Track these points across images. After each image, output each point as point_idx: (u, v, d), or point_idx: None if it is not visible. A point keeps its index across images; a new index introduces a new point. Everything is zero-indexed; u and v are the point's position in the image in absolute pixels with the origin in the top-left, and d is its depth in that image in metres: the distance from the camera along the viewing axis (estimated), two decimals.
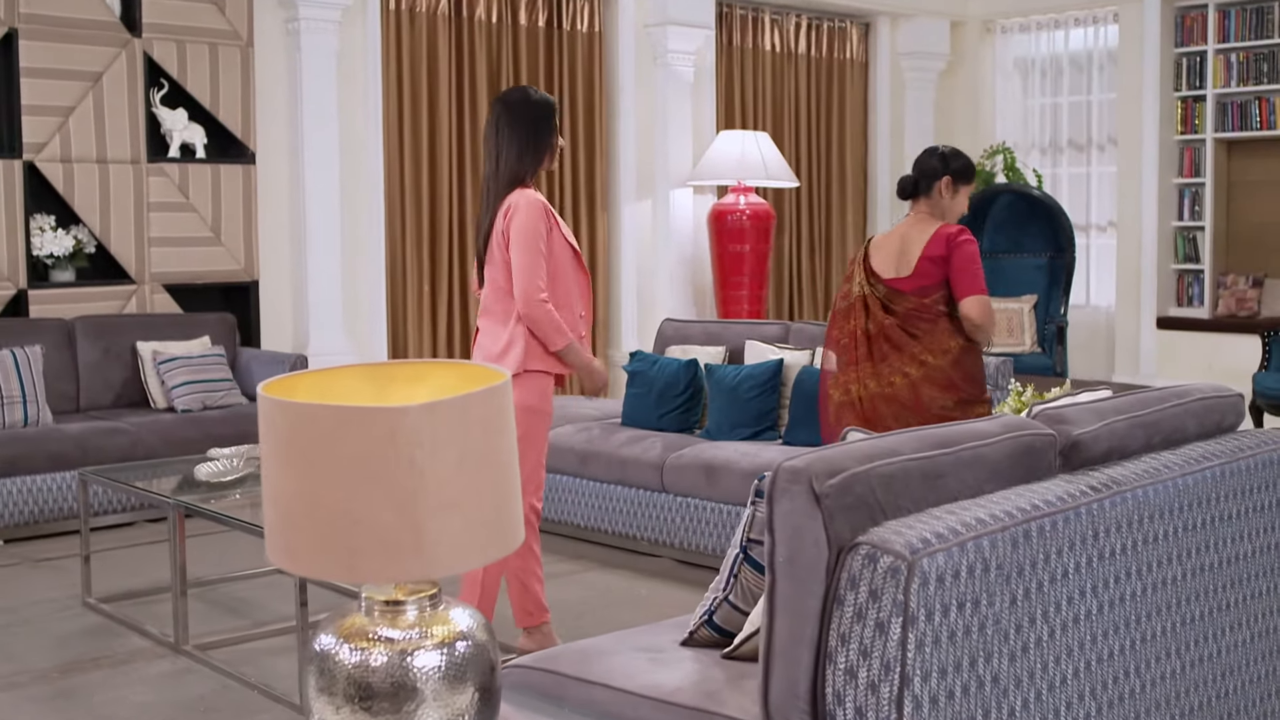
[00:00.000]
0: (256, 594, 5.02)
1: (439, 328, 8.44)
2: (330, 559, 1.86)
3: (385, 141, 8.08)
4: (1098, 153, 11.04)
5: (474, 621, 2.05)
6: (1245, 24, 10.03)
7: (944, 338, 4.39)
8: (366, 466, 1.82)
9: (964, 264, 4.41)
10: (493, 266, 3.98)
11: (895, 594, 2.07)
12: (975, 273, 4.44)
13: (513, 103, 4.01)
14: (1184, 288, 10.58)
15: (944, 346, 4.38)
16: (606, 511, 5.50)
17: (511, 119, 3.97)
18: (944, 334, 4.39)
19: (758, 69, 10.20)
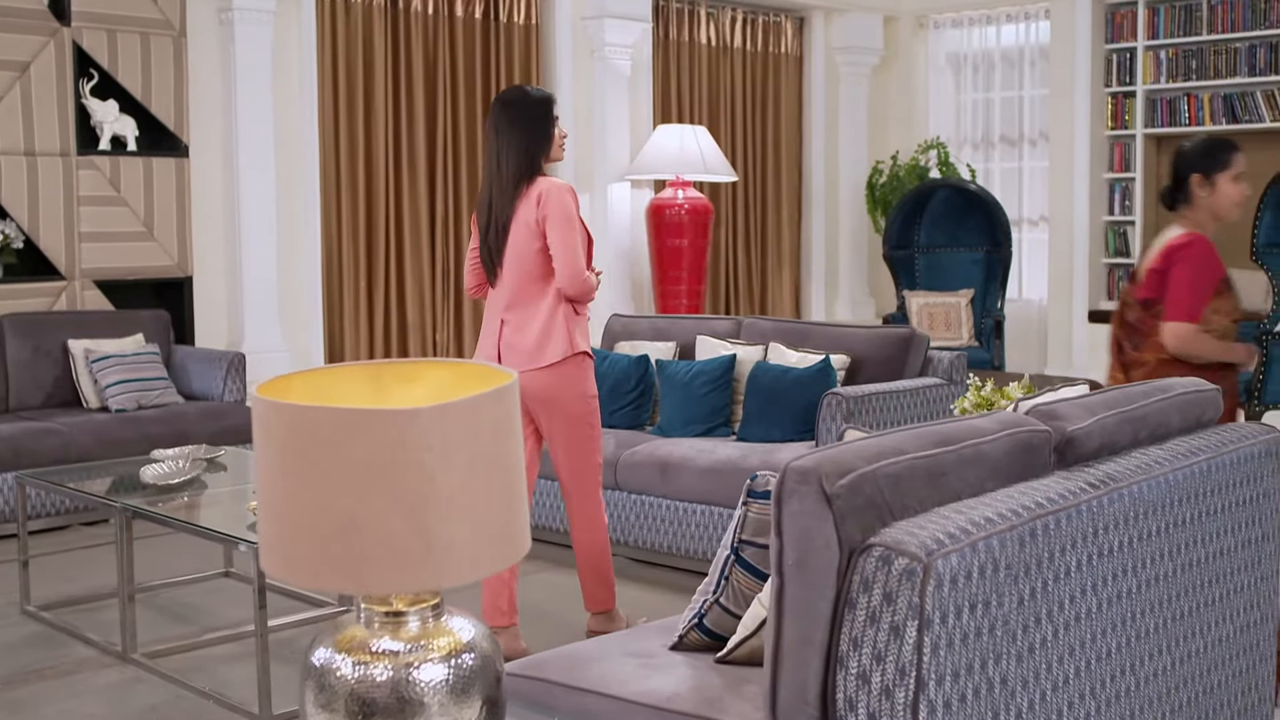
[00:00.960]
0: (202, 599, 4.88)
1: (375, 324, 8.30)
2: (334, 569, 1.77)
3: (321, 135, 7.92)
4: (1029, 148, 11.13)
5: (477, 631, 1.97)
6: (1174, 21, 10.16)
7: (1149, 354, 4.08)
8: (374, 471, 1.73)
9: (1175, 283, 4.03)
10: (519, 258, 4.01)
11: (911, 596, 2.02)
12: (1180, 297, 4.02)
13: (511, 102, 4.05)
14: (1115, 281, 10.69)
15: (1142, 360, 4.09)
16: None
17: (511, 118, 4.02)
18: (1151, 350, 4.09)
19: (694, 63, 10.16)
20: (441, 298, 8.63)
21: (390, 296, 8.38)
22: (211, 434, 6.22)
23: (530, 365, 3.99)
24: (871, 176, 11.14)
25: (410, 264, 8.42)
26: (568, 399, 4.06)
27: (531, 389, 4.01)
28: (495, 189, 4.05)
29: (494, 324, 4.11)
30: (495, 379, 1.96)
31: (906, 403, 5.02)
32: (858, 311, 11.29)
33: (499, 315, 4.10)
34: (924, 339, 5.30)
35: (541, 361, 4.00)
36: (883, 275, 11.53)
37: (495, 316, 4.11)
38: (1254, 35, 9.80)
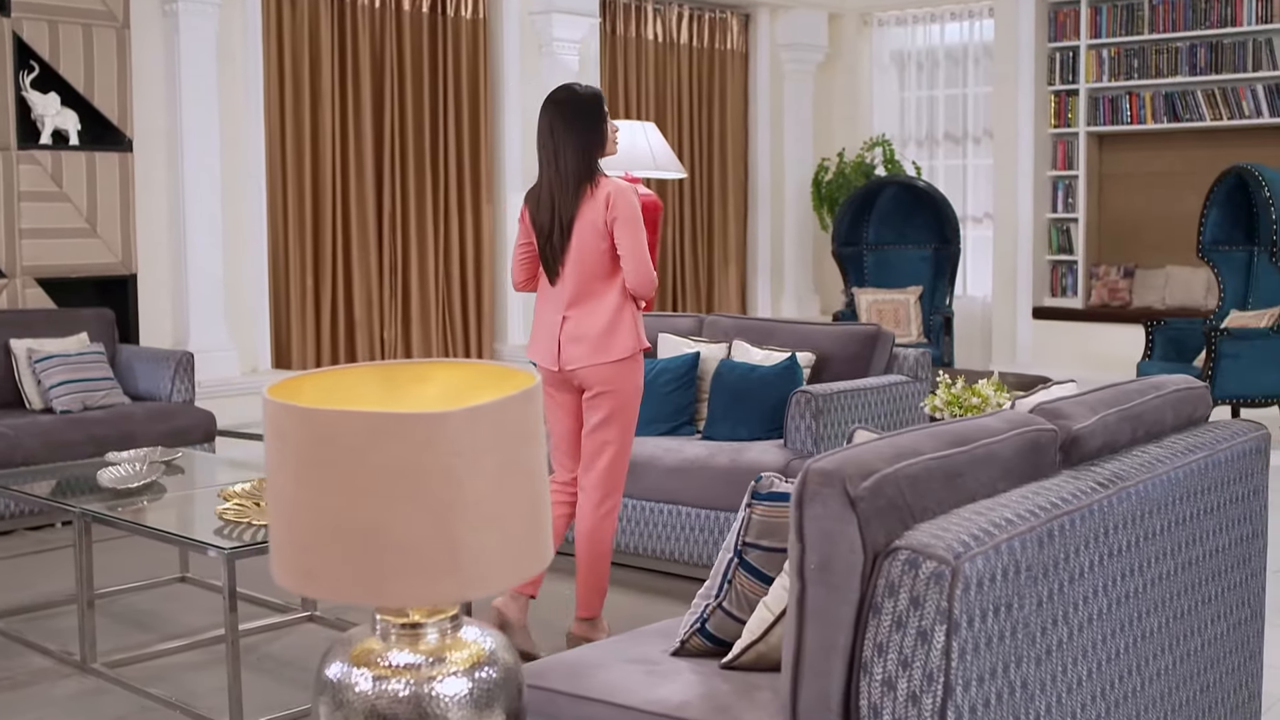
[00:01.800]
0: (159, 605, 4.75)
1: (322, 321, 8.17)
2: (356, 581, 1.69)
3: (267, 129, 7.78)
4: (973, 145, 11.20)
5: (497, 642, 1.90)
6: (1116, 20, 10.26)
7: None
8: (400, 478, 1.66)
9: None
10: (584, 257, 4.05)
11: (939, 601, 1.98)
12: None
13: (564, 101, 4.08)
14: (1058, 278, 10.79)
15: None
16: None
17: (567, 118, 4.04)
18: None
19: (641, 59, 10.11)
20: (389, 295, 8.51)
21: (337, 294, 8.25)
22: (160, 435, 6.07)
23: (597, 359, 4.06)
24: (817, 174, 11.15)
25: (358, 261, 8.30)
26: (628, 390, 4.14)
27: (594, 379, 4.10)
28: (556, 188, 4.06)
29: (553, 319, 4.15)
30: (511, 379, 1.90)
31: (874, 400, 5.00)
32: (803, 308, 11.30)
33: (560, 311, 4.13)
34: (889, 336, 5.28)
35: (610, 356, 4.06)
36: (827, 272, 11.56)
37: (555, 312, 4.15)
38: (1194, 35, 9.92)
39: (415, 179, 8.60)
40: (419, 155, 8.62)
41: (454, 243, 8.83)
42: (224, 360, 7.41)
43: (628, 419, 4.18)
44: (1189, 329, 8.03)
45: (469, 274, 8.95)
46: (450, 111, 8.75)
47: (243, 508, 3.87)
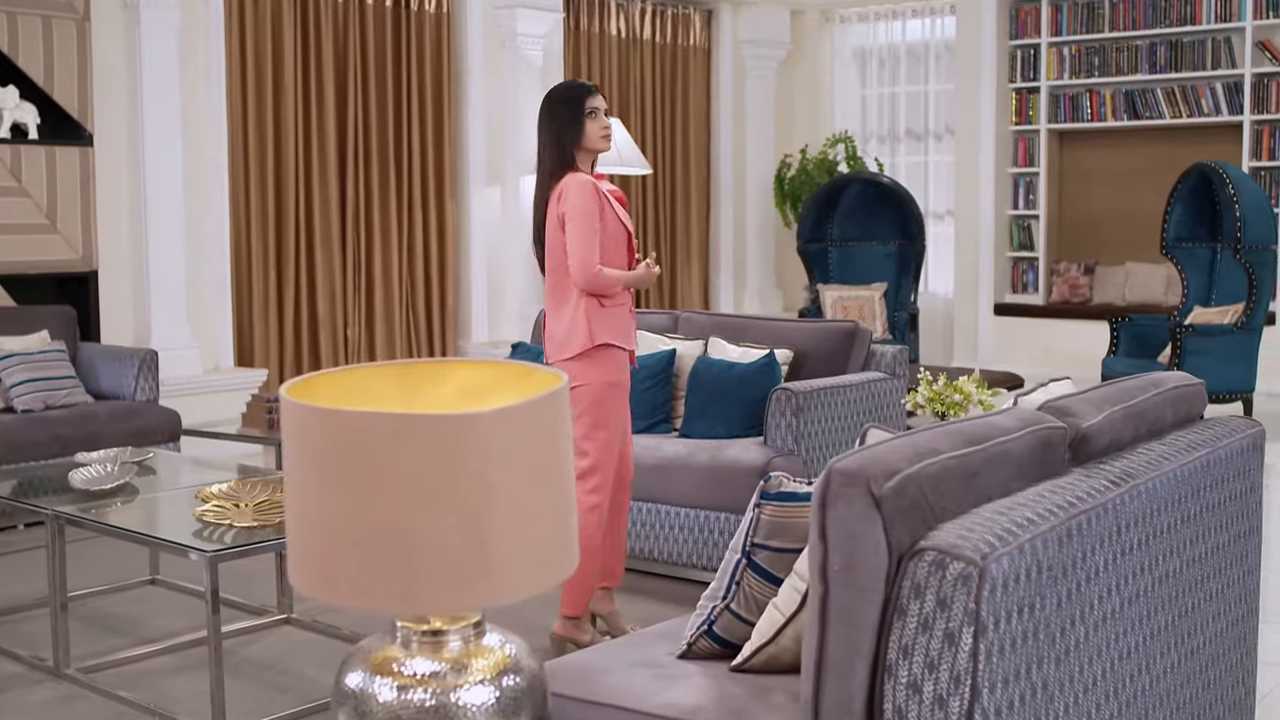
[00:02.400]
0: (130, 608, 4.66)
1: (285, 318, 8.07)
2: (383, 587, 1.64)
3: (229, 123, 7.67)
4: (935, 142, 11.23)
5: (520, 648, 1.85)
6: (1077, 18, 10.32)
7: None
8: (430, 481, 1.61)
9: None
10: (552, 252, 4.09)
11: (966, 602, 1.95)
12: None
13: (547, 97, 4.15)
14: (1019, 275, 10.84)
15: None
16: None
17: (547, 113, 4.11)
18: None
19: (604, 54, 10.06)
20: (353, 292, 8.42)
21: (300, 291, 8.15)
22: (124, 434, 5.97)
23: (559, 356, 4.08)
24: (780, 170, 11.14)
25: (321, 258, 8.20)
26: (592, 386, 4.09)
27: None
28: (538, 183, 4.13)
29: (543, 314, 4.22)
30: (530, 378, 1.85)
31: (854, 398, 4.98)
32: (765, 305, 11.29)
33: (545, 306, 4.23)
34: (867, 333, 5.26)
35: (566, 353, 4.07)
36: (789, 269, 11.56)
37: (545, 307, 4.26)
38: (1154, 33, 9.99)
39: (379, 175, 8.51)
40: (382, 151, 8.53)
41: (418, 239, 8.75)
42: (186, 358, 7.30)
43: (599, 415, 4.11)
44: (1153, 325, 8.09)
45: (433, 271, 8.87)
46: (414, 107, 8.67)
47: (222, 509, 3.79)
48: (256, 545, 3.52)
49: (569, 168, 4.09)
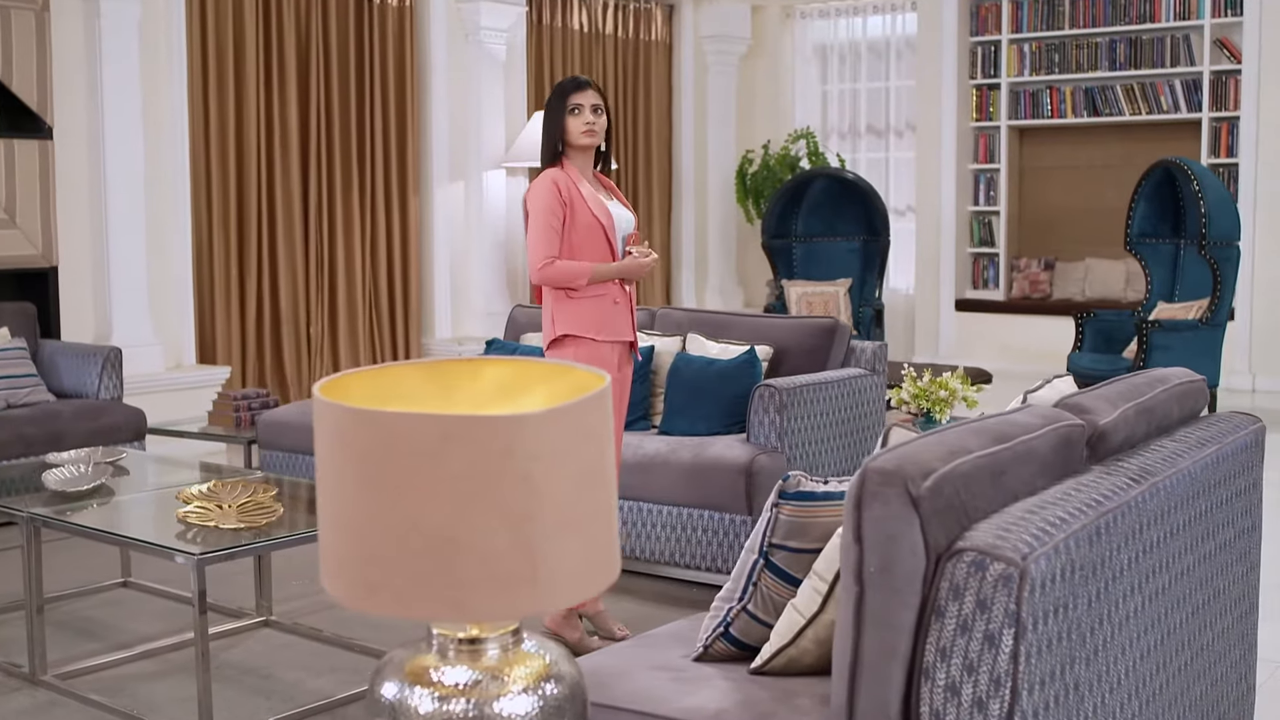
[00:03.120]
0: (103, 612, 4.56)
1: (248, 314, 7.95)
2: (427, 595, 1.59)
3: (191, 117, 7.54)
4: (895, 138, 11.25)
5: (559, 655, 1.80)
6: (1037, 15, 10.37)
7: None
8: (477, 484, 1.55)
9: None
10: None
11: (1007, 603, 1.92)
12: None
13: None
14: (980, 270, 10.89)
15: None
16: None
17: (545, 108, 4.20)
18: None
19: (567, 49, 10.00)
20: (315, 288, 8.31)
21: (263, 287, 8.03)
22: (88, 434, 5.85)
23: (545, 345, 4.22)
24: (742, 165, 11.13)
25: (283, 253, 8.08)
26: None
27: None
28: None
29: None
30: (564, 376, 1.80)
31: (836, 394, 4.96)
32: (727, 301, 11.27)
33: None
34: (847, 329, 5.25)
35: (545, 344, 4.20)
36: (750, 265, 11.55)
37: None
38: (1114, 30, 10.06)
39: (341, 170, 8.40)
40: (345, 146, 8.42)
41: (380, 235, 8.65)
42: (148, 355, 7.17)
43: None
44: (1118, 320, 8.14)
45: (396, 267, 8.77)
46: (377, 101, 8.57)
47: (205, 510, 3.71)
48: (244, 548, 3.44)
49: (556, 163, 4.14)
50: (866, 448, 5.18)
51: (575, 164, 4.16)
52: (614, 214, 4.19)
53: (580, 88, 4.17)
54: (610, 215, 4.14)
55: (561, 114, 4.13)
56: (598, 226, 4.10)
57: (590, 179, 4.20)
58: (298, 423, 5.82)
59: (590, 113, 4.15)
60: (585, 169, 4.20)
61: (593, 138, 4.15)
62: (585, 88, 4.17)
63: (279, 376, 8.13)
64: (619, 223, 4.20)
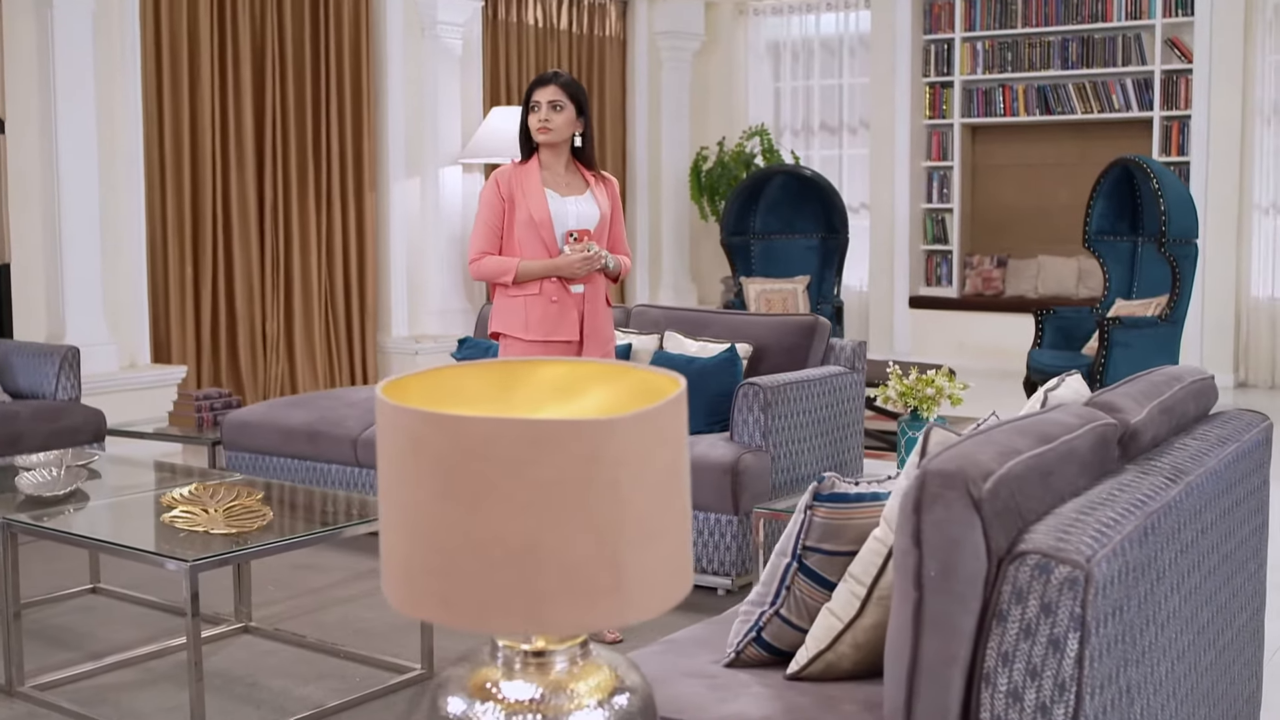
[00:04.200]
0: (74, 619, 4.43)
1: (202, 313, 7.80)
2: (507, 607, 1.52)
3: (145, 112, 7.38)
4: (849, 135, 11.27)
5: (624, 664, 1.74)
6: (990, 14, 10.42)
7: None
8: (562, 492, 1.49)
9: None
10: None
11: (1072, 607, 1.89)
12: None
13: None
14: (933, 268, 10.94)
15: None
16: None
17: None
18: None
19: (522, 44, 9.92)
20: (271, 287, 8.16)
21: (218, 285, 7.88)
22: (47, 435, 5.69)
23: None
24: (696, 162, 11.10)
25: (239, 250, 7.94)
26: None
27: None
28: None
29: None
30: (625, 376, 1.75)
31: (818, 392, 4.93)
32: (680, 298, 11.23)
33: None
34: (827, 327, 5.22)
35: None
36: (704, 262, 11.52)
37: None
38: (1066, 30, 10.13)
39: (297, 166, 8.26)
40: (300, 141, 8.28)
41: (337, 233, 8.52)
42: (103, 355, 7.01)
43: None
44: (1077, 317, 8.18)
45: (352, 265, 8.64)
46: (333, 97, 8.44)
47: (192, 515, 3.61)
48: (239, 553, 3.35)
49: (527, 157, 4.20)
50: (848, 446, 5.16)
51: (545, 158, 4.18)
52: (568, 211, 4.15)
53: (541, 84, 4.15)
54: (548, 213, 4.10)
55: (526, 110, 4.16)
56: (533, 225, 4.10)
57: (565, 173, 4.19)
58: (264, 423, 5.71)
59: (547, 109, 4.12)
60: (556, 164, 4.19)
61: (546, 134, 4.13)
62: (545, 84, 4.15)
63: (235, 375, 7.98)
64: (573, 220, 4.16)
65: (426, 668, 3.84)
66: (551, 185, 4.15)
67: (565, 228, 4.15)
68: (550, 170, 4.17)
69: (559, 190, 4.16)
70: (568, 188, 4.17)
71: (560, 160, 4.19)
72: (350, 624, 4.36)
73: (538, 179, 4.13)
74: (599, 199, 4.22)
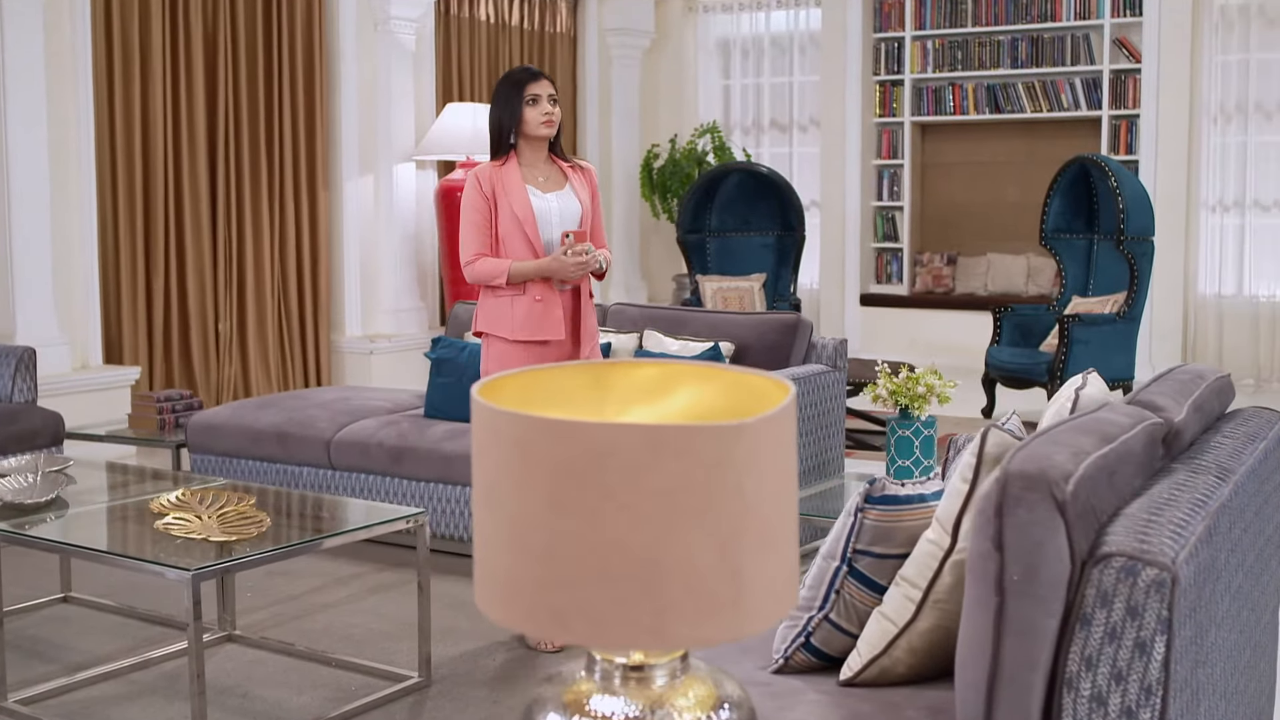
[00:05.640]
0: (48, 630, 4.29)
1: (155, 312, 7.62)
2: (628, 622, 1.46)
3: (96, 109, 7.19)
4: (799, 133, 11.28)
5: (722, 677, 1.69)
6: (940, 13, 10.47)
7: None
8: (687, 500, 1.43)
9: None
10: None
11: (1159, 609, 1.86)
12: None
13: (498, 82, 4.19)
14: (883, 265, 10.97)
15: None
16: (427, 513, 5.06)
17: (493, 98, 4.19)
18: None
19: (474, 39, 9.81)
20: (224, 285, 8.00)
21: (170, 284, 7.71)
22: (4, 439, 5.51)
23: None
24: (647, 159, 11.05)
25: (191, 249, 7.77)
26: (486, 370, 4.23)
27: None
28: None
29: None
30: (713, 377, 1.69)
31: (803, 390, 4.90)
32: (631, 296, 11.18)
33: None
34: (809, 325, 5.20)
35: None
36: (655, 260, 11.48)
37: None
38: (1016, 29, 10.20)
39: (250, 163, 8.10)
40: (253, 138, 8.12)
41: (290, 231, 8.37)
42: (55, 356, 6.83)
43: None
44: (1035, 315, 8.25)
45: (305, 264, 8.49)
46: (286, 93, 8.28)
47: (185, 522, 3.50)
48: (240, 561, 3.25)
49: (506, 154, 4.14)
50: (830, 444, 5.14)
51: (525, 155, 4.15)
52: (551, 207, 4.12)
53: (536, 77, 4.14)
54: (530, 211, 4.08)
55: (518, 105, 4.10)
56: (516, 223, 4.08)
57: (544, 167, 4.17)
58: (230, 425, 5.58)
59: (548, 103, 4.11)
60: (536, 159, 4.17)
61: (551, 128, 4.13)
62: (540, 77, 4.16)
63: (188, 376, 7.81)
64: (556, 215, 4.12)
65: (424, 676, 3.76)
66: (531, 182, 4.12)
67: (549, 224, 4.10)
68: (530, 167, 4.15)
69: (539, 187, 4.14)
70: (547, 182, 4.15)
71: (540, 155, 4.18)
72: (337, 631, 4.26)
73: (518, 176, 4.10)
74: (579, 192, 4.18)
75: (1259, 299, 9.42)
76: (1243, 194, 9.42)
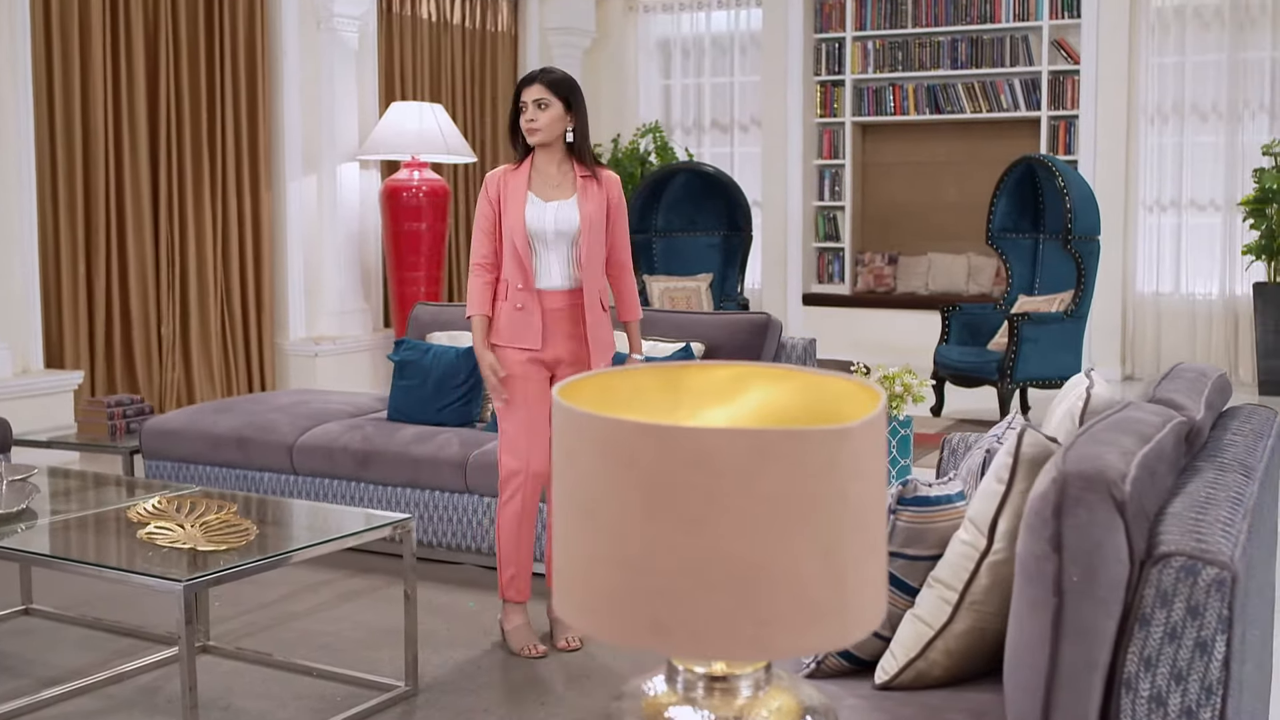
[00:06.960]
0: (11, 644, 4.15)
1: (96, 315, 7.45)
2: (730, 633, 1.42)
3: (35, 106, 7.01)
4: (740, 133, 11.29)
5: (805, 686, 1.66)
6: (880, 14, 10.54)
7: None
8: (792, 507, 1.40)
9: None
10: None
11: (1220, 608, 1.86)
12: None
13: None
14: (825, 265, 11.02)
15: None
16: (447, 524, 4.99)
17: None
18: None
19: (416, 38, 9.70)
20: (166, 288, 7.84)
21: (112, 286, 7.54)
22: None
23: None
24: None
25: (133, 251, 7.60)
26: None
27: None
28: None
29: None
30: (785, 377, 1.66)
31: None
32: None
33: None
34: (779, 324, 5.19)
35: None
36: None
37: None
38: (956, 30, 10.30)
39: (192, 163, 7.95)
40: (195, 137, 7.97)
41: (233, 231, 8.22)
42: None
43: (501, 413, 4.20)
44: (983, 314, 8.32)
45: (249, 265, 8.35)
46: (228, 91, 8.13)
47: (169, 530, 3.40)
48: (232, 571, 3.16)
49: (522, 158, 4.11)
50: None
51: (539, 159, 4.09)
52: (547, 216, 4.03)
53: (526, 83, 4.08)
54: (522, 222, 4.00)
55: (516, 110, 4.09)
56: (509, 232, 4.04)
57: (556, 173, 4.08)
58: (188, 430, 5.46)
59: (532, 108, 4.03)
60: (548, 164, 4.09)
61: (534, 134, 4.04)
62: (530, 82, 4.08)
63: (130, 379, 7.64)
64: (551, 225, 4.04)
65: (411, 685, 3.69)
66: (538, 188, 4.04)
67: (543, 233, 4.03)
68: (542, 172, 4.08)
69: (544, 194, 4.04)
70: (555, 190, 4.05)
71: (553, 160, 4.08)
72: (313, 640, 4.17)
73: (524, 182, 4.04)
74: (585, 203, 4.07)
75: (1195, 297, 9.58)
76: (1179, 194, 9.58)
